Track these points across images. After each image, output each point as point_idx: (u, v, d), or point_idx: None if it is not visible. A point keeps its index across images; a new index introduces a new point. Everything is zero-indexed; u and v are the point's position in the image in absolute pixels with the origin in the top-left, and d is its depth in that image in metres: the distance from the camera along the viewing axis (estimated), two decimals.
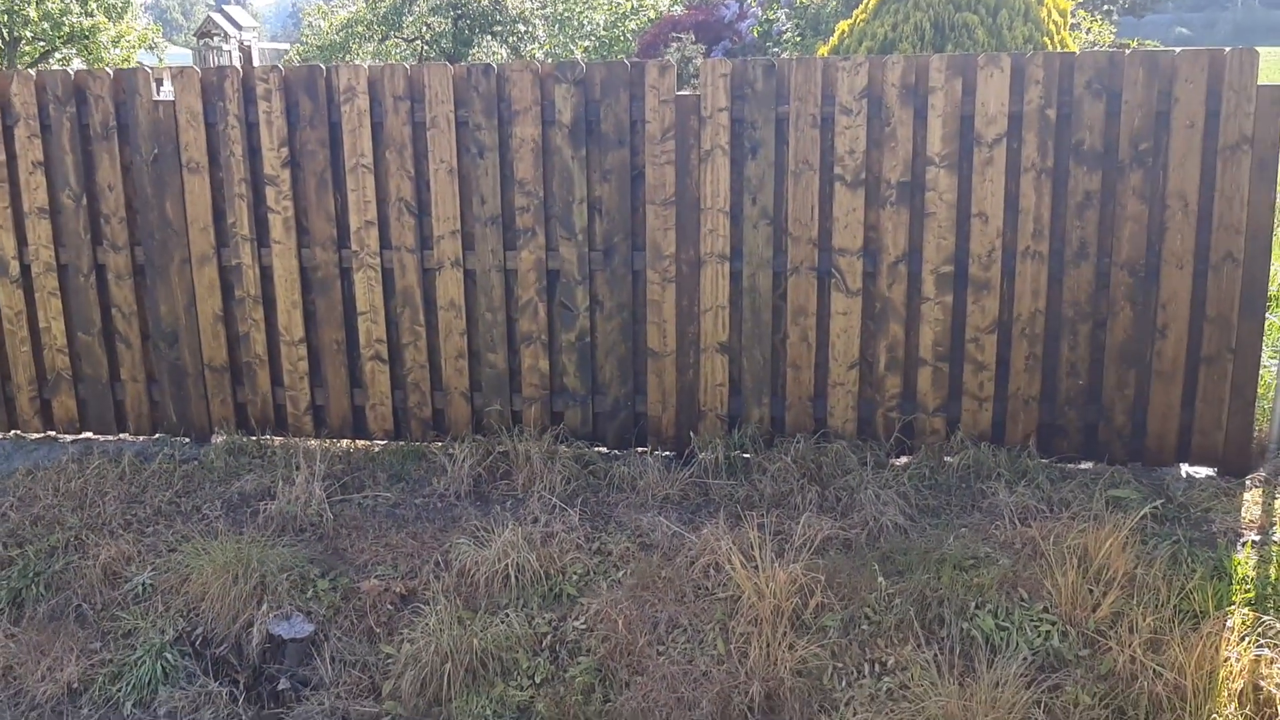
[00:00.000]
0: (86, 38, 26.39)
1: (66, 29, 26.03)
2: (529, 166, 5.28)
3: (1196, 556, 4.14)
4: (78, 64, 26.56)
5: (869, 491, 4.72)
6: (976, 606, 3.89)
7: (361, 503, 4.99)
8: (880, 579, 4.09)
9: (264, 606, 4.17)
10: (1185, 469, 5.02)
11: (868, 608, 3.97)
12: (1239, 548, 4.27)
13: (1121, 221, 4.89)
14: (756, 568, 4.03)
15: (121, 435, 5.89)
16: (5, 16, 25.17)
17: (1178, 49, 4.91)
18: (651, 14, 20.57)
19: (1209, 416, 4.95)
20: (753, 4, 15.87)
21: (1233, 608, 3.83)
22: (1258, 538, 4.34)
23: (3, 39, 25.51)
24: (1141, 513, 4.29)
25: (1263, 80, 4.73)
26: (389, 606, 4.21)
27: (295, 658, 4.05)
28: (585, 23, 22.59)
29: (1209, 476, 4.95)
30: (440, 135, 5.30)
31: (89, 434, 5.93)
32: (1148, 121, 4.81)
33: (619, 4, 21.95)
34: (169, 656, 4.02)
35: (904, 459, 5.18)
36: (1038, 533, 4.25)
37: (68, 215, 5.62)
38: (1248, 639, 3.64)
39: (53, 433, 5.96)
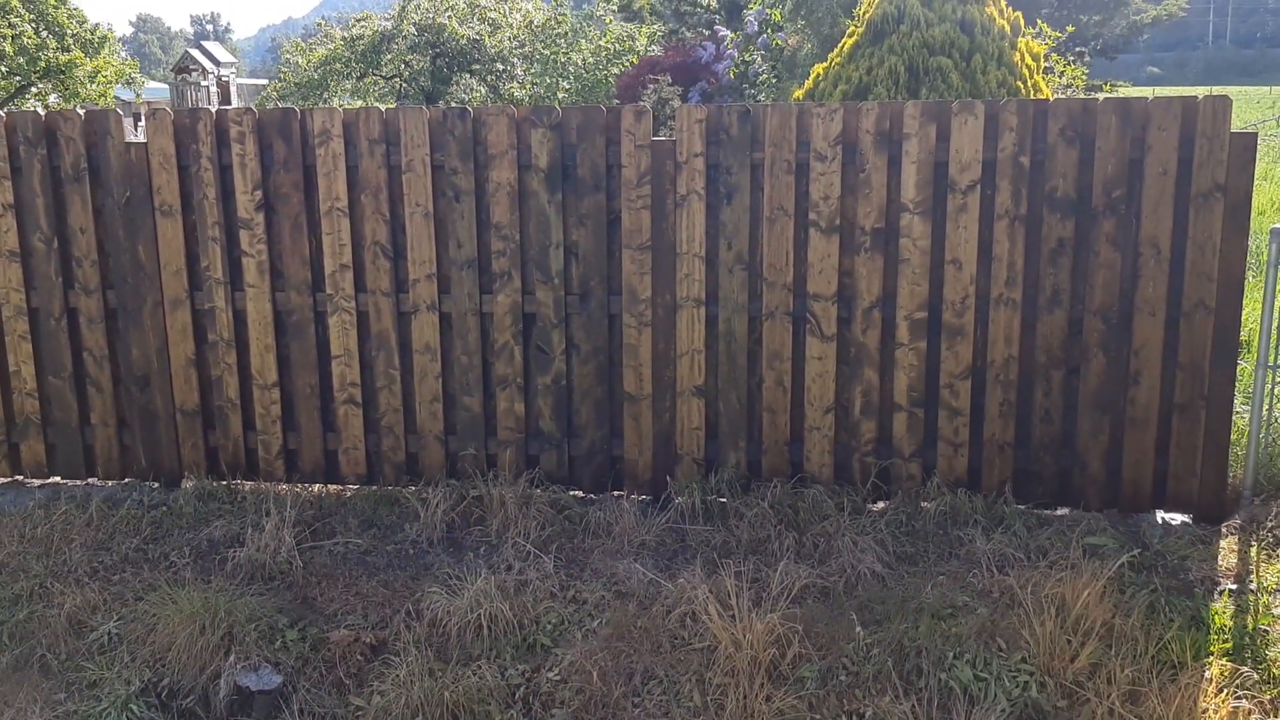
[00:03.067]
0: (63, 73, 26.35)
1: (43, 64, 25.98)
2: (505, 210, 5.27)
3: (1174, 606, 4.13)
4: (54, 99, 26.48)
5: (846, 538, 4.70)
6: (954, 657, 3.86)
7: (332, 550, 4.92)
8: (858, 629, 4.06)
9: (232, 657, 4.10)
10: (1161, 515, 5.02)
11: (845, 658, 3.94)
12: (1216, 597, 4.27)
13: (1094, 268, 4.91)
14: (734, 617, 3.99)
15: (90, 480, 5.81)
16: None
17: (1150, 96, 4.96)
18: (634, 58, 20.72)
19: (1183, 463, 4.96)
20: (729, 46, 16.01)
21: (1211, 658, 3.82)
22: (1234, 586, 4.33)
23: None
24: (1119, 561, 4.28)
25: (1235, 122, 4.77)
26: (359, 657, 4.14)
27: (263, 710, 3.98)
28: (568, 64, 22.71)
29: (1185, 523, 4.95)
30: (416, 179, 5.28)
31: (57, 479, 5.84)
32: (1121, 169, 4.85)
33: (603, 47, 22.08)
34: (134, 708, 3.93)
35: (881, 504, 5.16)
36: (1015, 581, 4.23)
37: (39, 258, 5.56)
38: (1226, 690, 3.63)
39: (20, 477, 5.87)
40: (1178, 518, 5.00)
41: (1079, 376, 5.01)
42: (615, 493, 5.42)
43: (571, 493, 5.40)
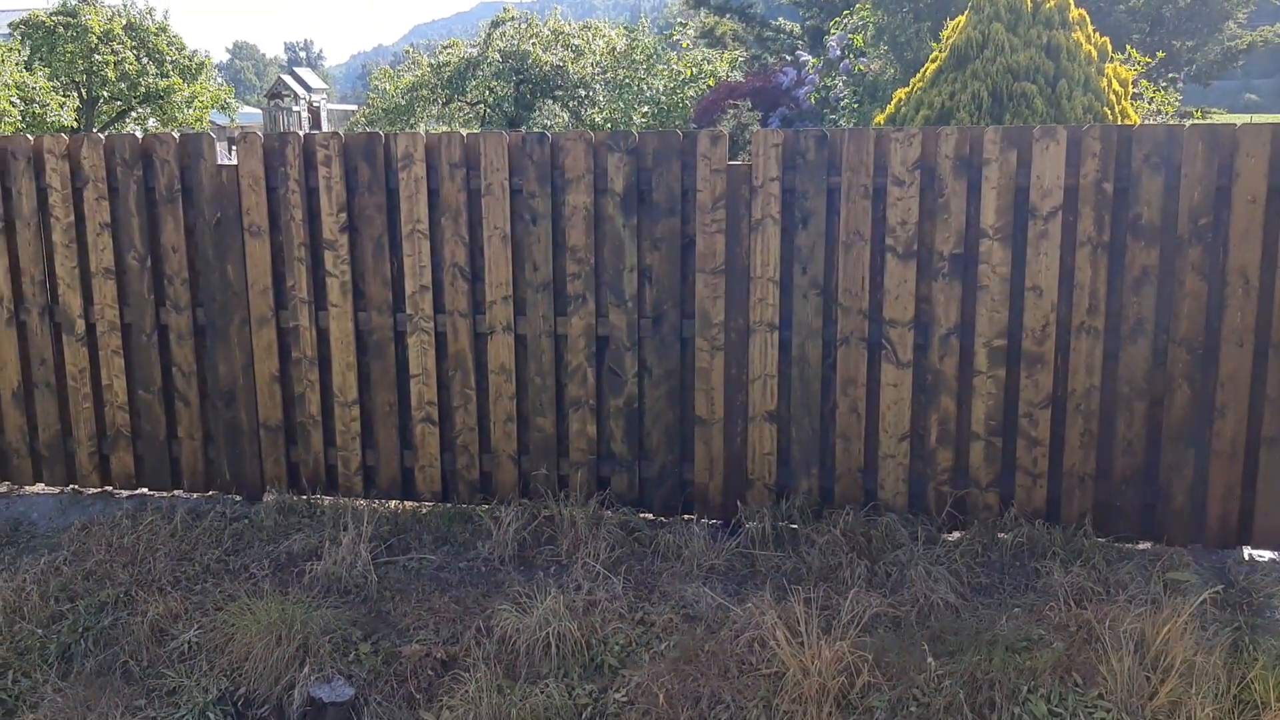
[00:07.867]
0: (162, 98, 27.30)
1: (143, 89, 26.94)
2: (581, 234, 5.32)
3: (1259, 645, 4.01)
4: (152, 123, 27.41)
5: (919, 568, 4.64)
6: (1029, 691, 3.78)
7: (406, 565, 4.99)
8: (930, 659, 4.00)
9: (306, 668, 4.18)
10: (1248, 552, 4.88)
11: (916, 689, 3.88)
12: None
13: (1180, 298, 4.81)
14: (803, 644, 3.96)
15: (176, 492, 5.97)
16: (84, 77, 26.12)
17: (1239, 122, 4.86)
18: (711, 81, 20.78)
19: (1271, 499, 4.81)
20: (810, 71, 15.99)
21: None
22: None
23: (81, 98, 26.43)
24: (1201, 597, 4.16)
25: None
26: (430, 672, 4.19)
27: None
28: (645, 89, 22.87)
29: (1272, 560, 4.81)
30: (495, 202, 5.36)
31: (144, 490, 6.01)
32: (1208, 196, 4.75)
33: (679, 71, 22.20)
34: (211, 716, 4.03)
35: (956, 534, 5.09)
36: (1093, 615, 4.14)
37: (132, 276, 5.75)
38: None
39: (109, 488, 6.05)
40: (1265, 554, 4.86)
41: (1162, 408, 4.90)
42: (685, 516, 5.41)
43: (641, 515, 5.41)
